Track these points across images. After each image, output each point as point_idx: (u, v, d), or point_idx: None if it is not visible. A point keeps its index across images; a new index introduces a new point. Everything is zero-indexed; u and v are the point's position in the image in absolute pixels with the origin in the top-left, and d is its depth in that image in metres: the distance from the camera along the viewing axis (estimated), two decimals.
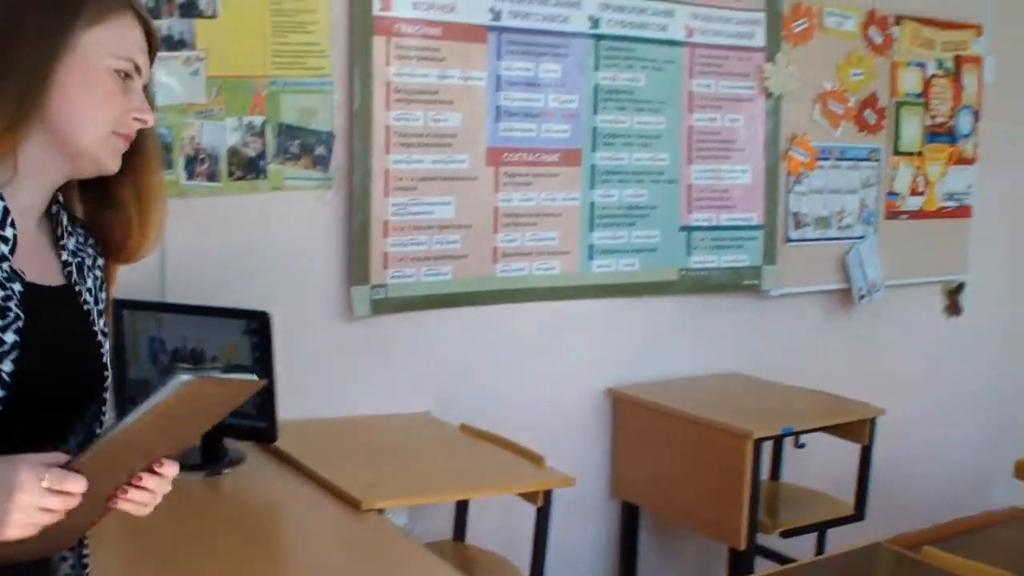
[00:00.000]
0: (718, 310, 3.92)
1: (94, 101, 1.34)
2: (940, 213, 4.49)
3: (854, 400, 3.61)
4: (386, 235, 3.18)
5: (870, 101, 4.18)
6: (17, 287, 1.31)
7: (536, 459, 2.83)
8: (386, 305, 3.21)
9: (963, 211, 4.57)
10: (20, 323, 1.30)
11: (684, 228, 3.76)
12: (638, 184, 3.65)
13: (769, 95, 3.86)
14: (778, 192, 3.93)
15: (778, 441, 3.80)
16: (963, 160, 4.52)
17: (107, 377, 1.45)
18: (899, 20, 4.23)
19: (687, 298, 3.83)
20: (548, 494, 2.73)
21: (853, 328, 4.30)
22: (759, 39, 3.83)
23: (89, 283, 1.45)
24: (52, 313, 1.38)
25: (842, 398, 3.66)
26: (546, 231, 3.48)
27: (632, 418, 3.66)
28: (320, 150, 3.07)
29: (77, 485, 1.20)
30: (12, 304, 1.30)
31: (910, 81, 4.31)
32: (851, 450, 3.55)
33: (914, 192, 4.37)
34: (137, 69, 1.38)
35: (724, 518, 3.26)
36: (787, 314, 4.09)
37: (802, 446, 3.52)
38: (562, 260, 3.53)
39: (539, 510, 2.74)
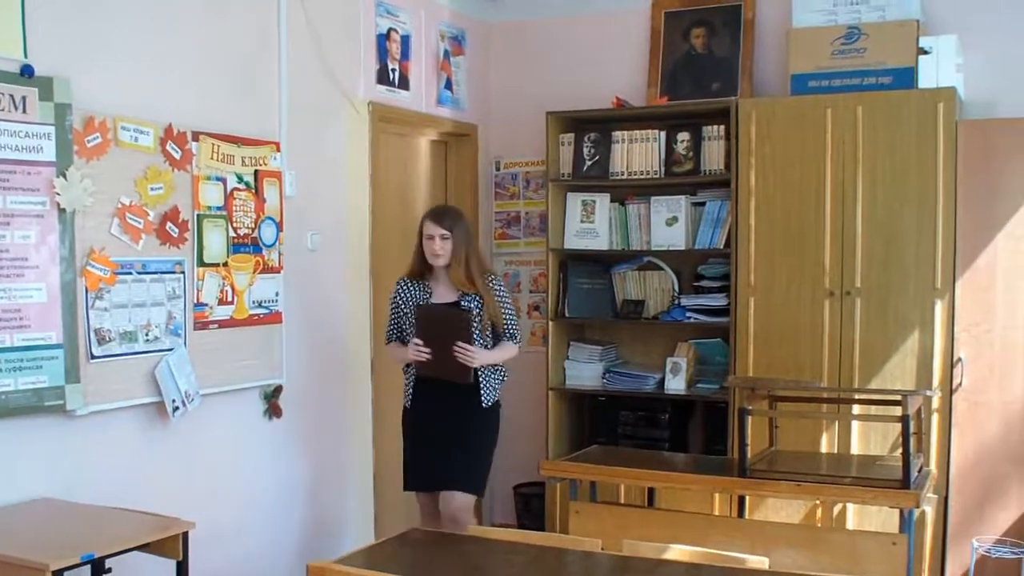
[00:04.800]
0: (22, 435, 3.69)
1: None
2: (251, 321, 4.64)
3: (166, 516, 3.58)
4: None
5: (172, 215, 4.21)
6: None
7: None
8: None
9: (274, 317, 4.77)
10: None
11: None
12: None
13: (62, 210, 3.75)
14: (77, 309, 3.80)
15: (95, 567, 3.65)
16: (269, 269, 4.73)
17: None
18: (197, 136, 4.34)
19: None
20: None
21: (171, 440, 4.28)
22: (49, 153, 3.71)
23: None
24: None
25: (155, 515, 3.60)
26: None
27: None
28: None
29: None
30: None
31: (212, 195, 4.43)
32: (172, 566, 3.51)
33: (223, 302, 4.48)
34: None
35: None
36: (99, 432, 3.96)
37: (108, 571, 3.41)
38: None
39: None
